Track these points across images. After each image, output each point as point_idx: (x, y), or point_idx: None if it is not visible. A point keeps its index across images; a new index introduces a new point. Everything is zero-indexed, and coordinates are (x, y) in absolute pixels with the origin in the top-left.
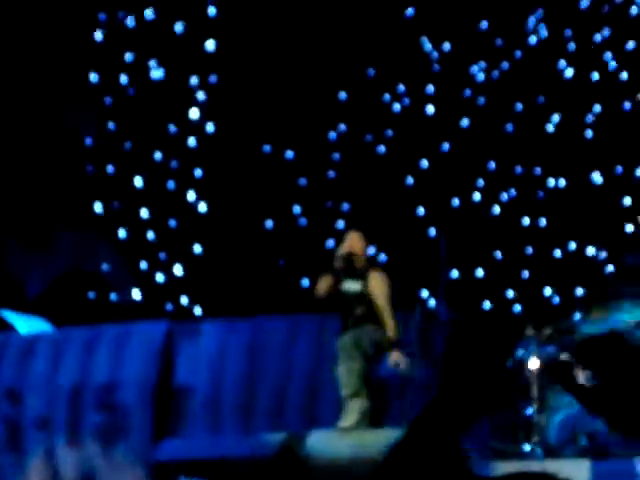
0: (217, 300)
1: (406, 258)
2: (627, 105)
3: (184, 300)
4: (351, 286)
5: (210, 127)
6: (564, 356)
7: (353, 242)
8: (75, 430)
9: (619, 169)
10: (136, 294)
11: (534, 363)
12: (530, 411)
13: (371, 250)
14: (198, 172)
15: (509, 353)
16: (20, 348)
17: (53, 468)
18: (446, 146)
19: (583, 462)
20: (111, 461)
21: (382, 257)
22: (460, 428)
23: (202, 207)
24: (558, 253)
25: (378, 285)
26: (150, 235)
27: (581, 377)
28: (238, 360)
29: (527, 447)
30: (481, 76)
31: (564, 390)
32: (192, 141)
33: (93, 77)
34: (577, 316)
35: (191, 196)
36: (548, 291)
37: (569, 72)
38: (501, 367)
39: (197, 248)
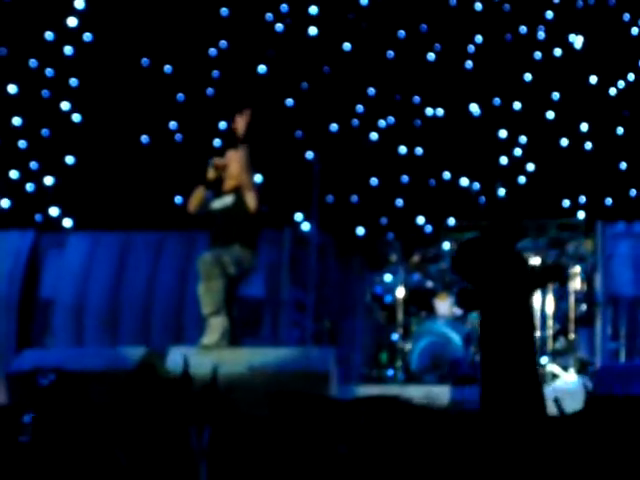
0: (87, 213)
1: (281, 180)
2: (508, 36)
3: (54, 211)
4: (220, 202)
5: (88, 36)
6: (429, 284)
7: (229, 160)
8: None
9: (497, 101)
10: (5, 203)
11: (400, 290)
12: (395, 337)
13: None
14: (74, 82)
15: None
16: None
17: None
18: (327, 69)
19: (442, 388)
20: None
21: (257, 178)
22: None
23: (76, 117)
24: (432, 182)
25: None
26: (22, 144)
27: (445, 305)
28: (104, 273)
29: (390, 372)
30: (365, 0)
31: (428, 317)
32: (69, 50)
33: None
34: (445, 245)
35: (65, 106)
36: (421, 220)
37: (452, 0)
38: None
39: (69, 159)
